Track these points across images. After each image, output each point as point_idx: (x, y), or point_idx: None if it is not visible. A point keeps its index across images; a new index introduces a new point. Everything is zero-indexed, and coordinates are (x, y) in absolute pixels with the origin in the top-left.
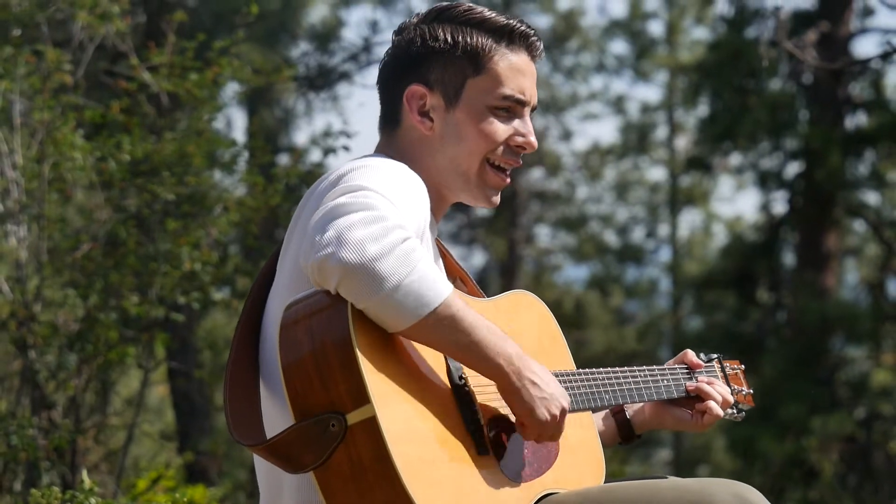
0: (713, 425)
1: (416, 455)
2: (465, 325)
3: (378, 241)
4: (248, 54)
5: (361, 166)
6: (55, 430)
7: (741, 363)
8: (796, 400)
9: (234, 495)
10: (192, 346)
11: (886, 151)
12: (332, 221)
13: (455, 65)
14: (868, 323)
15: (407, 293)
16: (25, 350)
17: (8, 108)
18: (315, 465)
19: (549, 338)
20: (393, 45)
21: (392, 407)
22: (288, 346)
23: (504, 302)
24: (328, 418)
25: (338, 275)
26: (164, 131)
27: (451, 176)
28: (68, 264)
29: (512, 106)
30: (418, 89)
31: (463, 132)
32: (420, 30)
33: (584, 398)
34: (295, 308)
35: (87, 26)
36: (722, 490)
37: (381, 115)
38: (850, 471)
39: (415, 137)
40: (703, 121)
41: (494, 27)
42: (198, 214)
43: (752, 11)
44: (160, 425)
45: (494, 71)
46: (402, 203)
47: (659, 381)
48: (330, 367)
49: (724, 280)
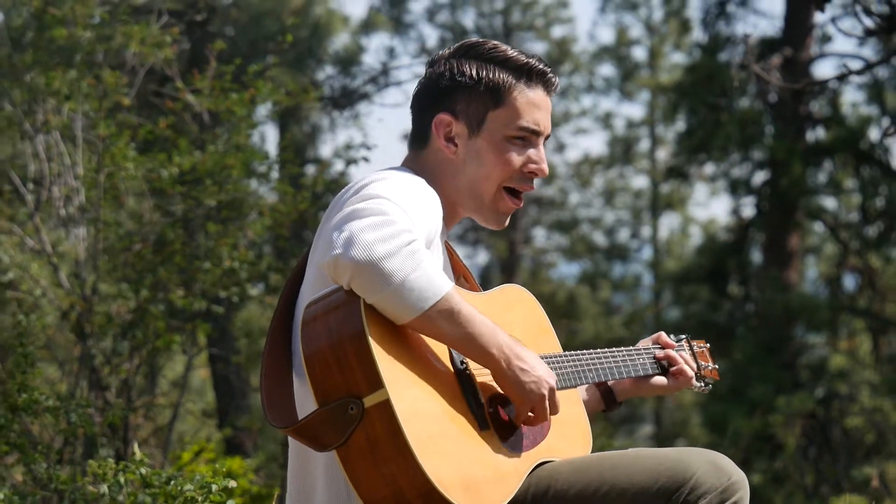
0: (683, 389)
1: (425, 432)
2: (462, 318)
3: (386, 242)
4: (280, 77)
5: (382, 178)
6: (109, 408)
7: (706, 342)
8: (763, 381)
9: (268, 466)
10: (231, 334)
11: (842, 162)
12: (347, 223)
13: (478, 98)
14: (826, 313)
15: (411, 289)
16: (84, 338)
17: (71, 126)
18: (337, 445)
19: (538, 325)
20: (426, 75)
21: (403, 390)
22: (309, 339)
23: (498, 295)
24: (347, 402)
25: (350, 272)
26: (206, 145)
27: (467, 196)
28: (121, 262)
29: (527, 136)
30: (445, 117)
31: (483, 158)
32: (450, 64)
33: (571, 377)
34: (314, 306)
35: (139, 53)
36: (697, 457)
37: (411, 134)
38: (810, 444)
39: (440, 159)
40: (680, 135)
41: (515, 65)
42: (236, 218)
43: (724, 38)
44: (202, 404)
45: (513, 105)
46: (413, 211)
47: (636, 359)
48: (346, 356)
49: (699, 275)
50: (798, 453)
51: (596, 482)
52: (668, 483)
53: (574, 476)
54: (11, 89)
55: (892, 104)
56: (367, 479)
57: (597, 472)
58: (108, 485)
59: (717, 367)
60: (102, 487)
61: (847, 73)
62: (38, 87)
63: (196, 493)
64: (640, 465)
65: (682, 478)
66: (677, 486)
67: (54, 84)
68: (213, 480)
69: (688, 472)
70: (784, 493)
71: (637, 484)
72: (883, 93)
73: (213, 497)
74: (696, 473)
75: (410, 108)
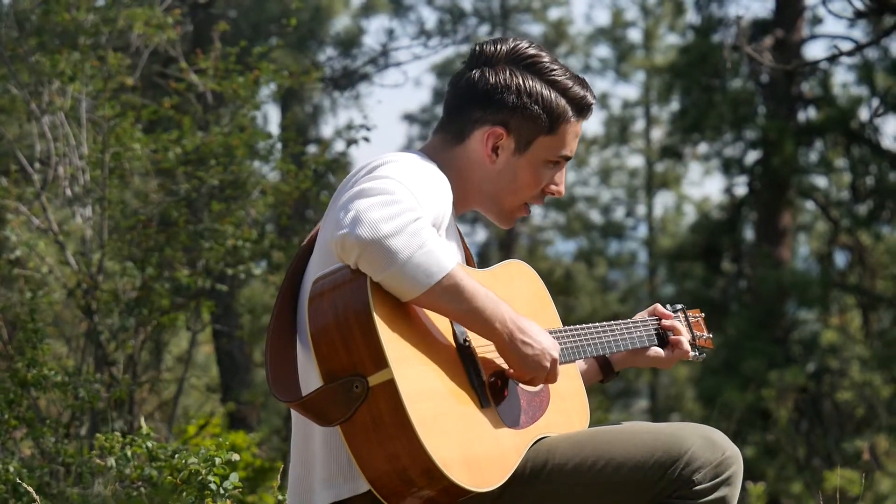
0: (679, 360)
1: (428, 410)
2: (467, 294)
3: (392, 220)
4: (282, 59)
5: (393, 161)
6: (116, 384)
7: (701, 311)
8: (756, 356)
9: (270, 439)
10: (234, 311)
11: (833, 141)
12: (353, 202)
13: (536, 122)
14: (818, 289)
15: (417, 266)
16: (90, 315)
17: (76, 107)
18: (342, 420)
19: (539, 300)
20: (481, 72)
21: (407, 369)
22: (315, 316)
23: (500, 271)
24: (352, 380)
25: (357, 250)
26: (209, 126)
27: (488, 200)
28: (127, 240)
29: (560, 161)
30: (500, 131)
31: (518, 175)
32: (514, 76)
33: (570, 352)
34: (321, 282)
35: (143, 35)
36: (692, 432)
37: (446, 121)
38: (802, 417)
39: (475, 160)
40: (675, 115)
41: (574, 98)
42: (239, 197)
43: (717, 20)
44: (206, 379)
45: (562, 135)
46: (421, 193)
47: (633, 332)
48: (352, 333)
49: (693, 253)
50: (790, 426)
51: (593, 456)
52: (664, 458)
53: (571, 450)
54: (18, 72)
55: (882, 85)
56: (370, 455)
57: (593, 447)
58: (115, 458)
59: (712, 336)
60: (109, 460)
61: (838, 55)
62: (44, 68)
63: (200, 467)
64: (637, 440)
65: (678, 452)
66: (672, 461)
67: (59, 66)
68: (217, 454)
69: (683, 446)
70: (776, 465)
71: (633, 458)
72: (873, 73)
73: (217, 470)
74: (690, 448)
75: (451, 94)
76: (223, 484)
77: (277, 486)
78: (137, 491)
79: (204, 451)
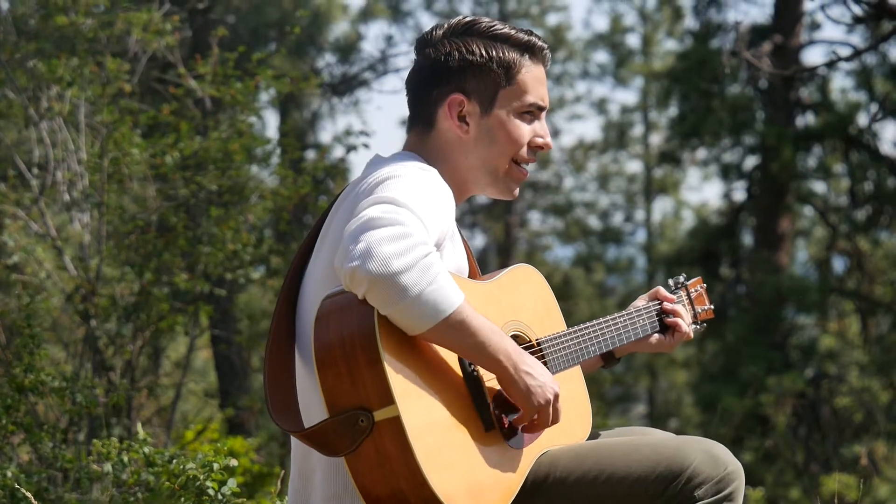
0: (679, 343)
1: (433, 444)
2: (473, 329)
3: (402, 256)
4: (281, 65)
5: (396, 176)
6: (114, 389)
7: (703, 281)
8: (754, 361)
9: (269, 445)
10: (232, 316)
11: (832, 147)
12: (363, 233)
13: (490, 76)
14: (816, 295)
15: (425, 302)
16: (88, 320)
17: (74, 112)
18: (346, 453)
19: (545, 305)
20: (424, 56)
21: (412, 402)
22: (321, 338)
23: (506, 279)
24: (357, 414)
25: (366, 285)
26: (209, 131)
27: (480, 173)
28: (125, 245)
29: (534, 111)
30: (459, 97)
31: (495, 135)
32: (455, 43)
33: (574, 355)
34: (328, 302)
35: (142, 40)
36: (694, 447)
37: (411, 117)
38: (800, 423)
39: (450, 138)
40: (673, 120)
41: (519, 42)
42: (237, 202)
43: (715, 26)
44: (204, 385)
45: (522, 81)
46: (428, 215)
47: (636, 321)
48: (357, 363)
49: (691, 258)
50: (788, 432)
51: (595, 470)
52: (666, 472)
53: (573, 463)
54: (16, 77)
55: (881, 90)
56: (374, 486)
57: (595, 460)
58: (112, 463)
59: (713, 306)
60: (106, 466)
61: (836, 60)
62: (42, 74)
63: (198, 472)
64: (639, 454)
65: (680, 467)
66: (674, 476)
67: (57, 71)
68: (215, 459)
69: (685, 461)
70: (775, 470)
71: (635, 472)
72: (871, 79)
73: (215, 475)
74: (693, 463)
75: (408, 91)
76: (221, 489)
77: (276, 491)
78: (135, 496)
79: (202, 456)
